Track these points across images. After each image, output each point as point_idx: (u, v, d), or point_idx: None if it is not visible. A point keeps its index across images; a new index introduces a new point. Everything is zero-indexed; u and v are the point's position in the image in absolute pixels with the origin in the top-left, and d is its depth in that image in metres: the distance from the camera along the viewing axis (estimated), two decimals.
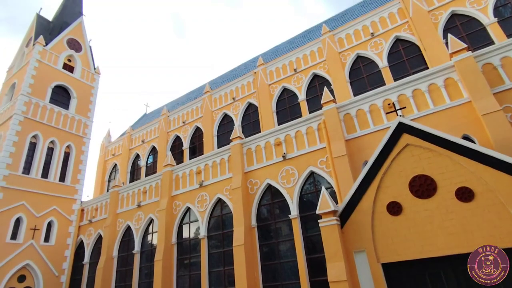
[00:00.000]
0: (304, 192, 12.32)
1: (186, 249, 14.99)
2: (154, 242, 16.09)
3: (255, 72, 19.98)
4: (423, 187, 8.20)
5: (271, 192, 13.09)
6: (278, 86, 18.65)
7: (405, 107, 10.48)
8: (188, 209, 15.35)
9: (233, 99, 20.43)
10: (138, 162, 24.99)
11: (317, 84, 17.27)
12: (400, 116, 9.37)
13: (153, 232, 16.55)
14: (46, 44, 22.29)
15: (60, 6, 27.04)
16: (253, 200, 13.23)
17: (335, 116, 11.84)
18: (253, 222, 12.97)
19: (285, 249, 12.23)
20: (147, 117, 31.33)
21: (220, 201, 14.40)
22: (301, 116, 16.29)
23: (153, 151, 24.29)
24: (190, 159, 20.36)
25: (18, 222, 17.52)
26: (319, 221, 9.16)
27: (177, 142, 22.88)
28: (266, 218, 13.06)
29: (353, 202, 9.07)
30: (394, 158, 8.75)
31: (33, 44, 21.83)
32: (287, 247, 12.17)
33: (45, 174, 19.56)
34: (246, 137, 14.91)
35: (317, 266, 11.05)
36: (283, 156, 12.86)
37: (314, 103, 16.74)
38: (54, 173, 19.92)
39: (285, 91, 18.45)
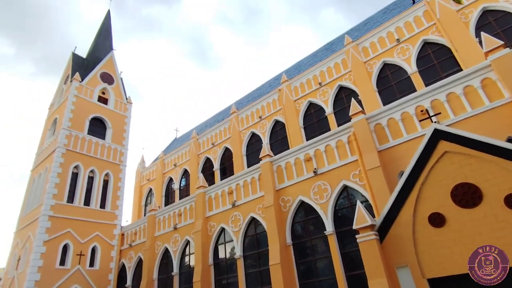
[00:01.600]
0: (338, 207, 12.02)
1: (223, 269, 14.98)
2: (192, 263, 16.25)
3: (279, 89, 20.18)
4: (467, 195, 7.73)
5: (304, 209, 12.90)
6: (303, 101, 18.66)
7: (439, 113, 10.07)
8: (223, 229, 15.45)
9: (260, 117, 20.67)
10: (172, 185, 25.70)
11: (344, 96, 17.09)
12: (435, 122, 9.01)
13: (190, 254, 16.75)
14: (82, 79, 24.01)
15: (93, 42, 29.21)
16: (287, 218, 13.08)
17: (365, 127, 11.59)
18: (288, 240, 12.78)
19: (323, 266, 11.88)
20: (178, 141, 32.37)
21: (253, 220, 14.37)
22: (329, 129, 16.10)
23: (185, 174, 24.92)
24: (221, 179, 20.64)
25: (65, 248, 18.49)
26: (356, 236, 8.87)
27: (208, 163, 23.35)
28: (301, 235, 12.83)
29: (391, 215, 8.72)
30: (432, 167, 8.37)
31: (71, 81, 23.58)
32: (325, 264, 11.82)
33: (87, 201, 20.62)
34: (275, 154, 14.91)
35: (358, 283, 10.60)
36: (314, 172, 12.70)
37: (342, 116, 16.52)
38: (95, 200, 20.96)
39: (311, 105, 18.41)
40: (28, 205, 20.78)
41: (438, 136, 8.45)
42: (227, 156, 22.16)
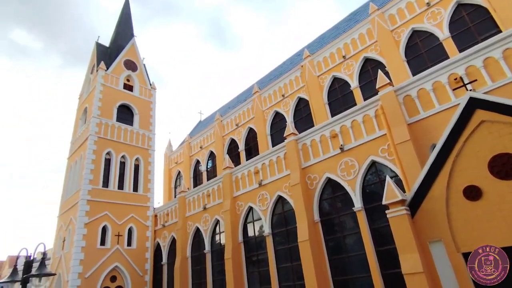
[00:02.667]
0: (366, 183, 11.79)
1: (253, 246, 15.37)
2: (222, 241, 16.80)
3: (302, 66, 19.65)
4: (506, 166, 7.30)
5: (332, 186, 12.78)
6: (327, 76, 18.09)
7: (475, 80, 9.40)
8: (251, 208, 15.72)
9: (283, 96, 20.36)
10: (199, 167, 26.31)
11: (370, 68, 16.35)
12: (471, 90, 8.44)
13: (220, 232, 17.29)
14: (107, 68, 24.59)
15: (114, 31, 29.61)
16: (314, 195, 13.05)
17: (394, 100, 11.09)
18: (316, 217, 12.80)
19: (352, 242, 11.86)
20: (202, 124, 32.80)
21: (280, 199, 14.48)
22: (355, 104, 15.56)
23: (212, 155, 25.36)
24: (246, 160, 20.82)
25: (104, 230, 19.68)
26: (386, 212, 8.71)
27: (233, 144, 23.56)
28: (328, 212, 12.80)
29: (423, 189, 8.45)
30: (467, 138, 7.93)
31: (97, 70, 24.24)
32: (354, 240, 11.78)
33: (120, 186, 21.63)
34: (299, 132, 14.72)
35: (389, 259, 10.51)
36: (340, 148, 12.46)
37: (369, 89, 15.88)
38: (128, 184, 21.94)
39: (335, 80, 17.82)
40: (67, 191, 22.14)
41: (474, 104, 7.93)
42: (251, 136, 22.21)
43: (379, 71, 12.30)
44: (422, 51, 14.49)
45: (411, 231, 8.18)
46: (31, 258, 4.81)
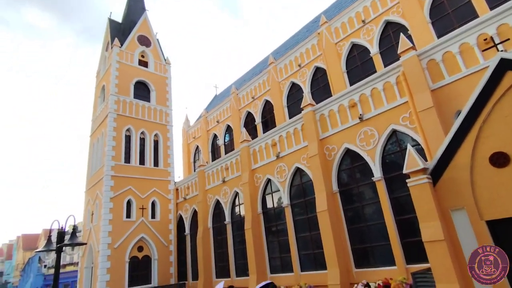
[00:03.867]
0: (386, 153, 11.57)
1: (272, 217, 15.69)
2: (242, 213, 17.23)
3: (318, 33, 18.87)
4: None
5: (350, 156, 12.64)
6: (346, 43, 17.33)
7: (508, 39, 8.74)
8: (269, 180, 15.88)
9: (299, 66, 19.81)
10: (217, 141, 26.57)
11: (391, 32, 15.49)
12: (502, 51, 7.88)
13: (239, 204, 17.70)
14: (121, 45, 24.51)
15: (126, 6, 29.09)
16: (332, 166, 12.99)
17: (417, 65, 10.55)
18: (334, 187, 12.82)
19: (371, 212, 11.87)
20: (218, 98, 32.69)
21: (298, 170, 14.51)
22: (375, 72, 14.95)
23: (229, 129, 25.45)
24: (263, 132, 20.78)
25: (129, 203, 20.54)
26: (407, 180, 8.56)
27: (250, 117, 23.48)
28: (347, 183, 12.76)
29: (446, 157, 8.19)
30: (496, 103, 7.51)
31: (111, 48, 24.24)
32: (373, 209, 11.79)
33: (142, 161, 22.25)
34: (317, 103, 14.42)
35: (408, 227, 10.52)
36: (359, 118, 12.16)
37: (390, 55, 15.14)
38: (149, 159, 22.53)
39: (354, 47, 17.07)
40: (92, 167, 23.03)
41: (505, 66, 7.42)
42: (268, 108, 22.01)
43: (401, 35, 11.61)
44: (448, 11, 13.52)
45: (432, 199, 8.05)
46: (63, 229, 5.09)
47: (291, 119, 15.35)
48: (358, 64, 16.63)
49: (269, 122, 21.64)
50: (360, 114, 12.16)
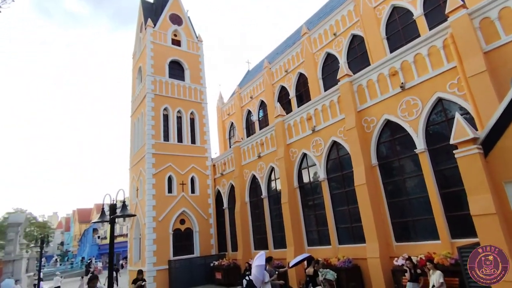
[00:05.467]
0: (430, 123, 10.89)
1: (308, 191, 15.71)
2: (278, 187, 17.41)
3: None
4: None
5: (391, 128, 12.08)
6: (385, 6, 16.08)
7: None
8: (305, 155, 15.77)
9: (334, 34, 18.87)
10: (251, 117, 26.64)
11: None
12: None
13: (275, 179, 17.88)
14: (154, 25, 24.83)
15: None
16: (371, 139, 12.54)
17: (467, 25, 9.57)
18: (373, 161, 12.43)
19: (413, 185, 11.43)
20: (251, 73, 32.42)
21: (335, 144, 14.22)
22: (419, 36, 13.85)
23: (262, 105, 25.33)
24: (298, 106, 20.44)
25: (170, 179, 21.58)
26: (454, 152, 8.05)
27: (283, 92, 23.13)
28: (387, 156, 12.31)
29: (500, 125, 7.55)
30: None
31: (145, 28, 24.65)
32: (415, 182, 11.33)
33: (179, 139, 23.04)
34: (354, 73, 13.77)
35: (454, 201, 10.01)
36: (401, 87, 11.47)
37: (435, 17, 13.84)
38: (186, 137, 23.26)
39: (395, 10, 15.81)
40: (134, 146, 24.30)
41: None
42: (302, 82, 21.48)
43: None
44: None
45: (483, 171, 7.53)
46: (114, 202, 5.47)
47: (327, 91, 14.88)
48: (399, 29, 15.46)
49: (303, 95, 21.18)
50: (402, 83, 11.45)
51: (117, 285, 23.31)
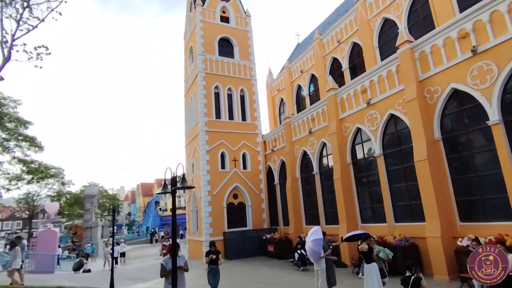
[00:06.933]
0: (507, 91, 9.61)
1: (362, 167, 15.16)
2: (330, 163, 17.06)
3: None
4: None
5: (458, 98, 10.92)
6: None
7: None
8: (359, 129, 15.11)
9: None
10: (301, 92, 26.04)
11: None
12: None
13: (327, 155, 17.51)
14: (203, 3, 24.98)
15: None
16: (434, 110, 11.51)
17: None
18: (437, 134, 11.46)
19: (483, 161, 10.37)
20: (301, 46, 31.34)
21: (392, 117, 13.35)
22: None
23: (313, 79, 24.53)
24: (351, 79, 19.42)
25: (222, 155, 22.35)
26: None
27: (335, 64, 22.07)
28: (453, 129, 11.24)
29: None
30: None
31: (195, 8, 24.92)
32: (486, 158, 10.26)
33: (230, 116, 23.51)
34: (416, 39, 12.54)
35: None
36: (472, 51, 10.18)
37: None
38: (237, 114, 23.65)
39: None
40: (189, 124, 25.43)
41: None
42: (355, 52, 20.22)
43: None
44: None
45: None
46: (175, 175, 5.82)
47: (384, 60, 13.83)
48: None
49: (357, 67, 20.00)
50: (474, 46, 10.15)
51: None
